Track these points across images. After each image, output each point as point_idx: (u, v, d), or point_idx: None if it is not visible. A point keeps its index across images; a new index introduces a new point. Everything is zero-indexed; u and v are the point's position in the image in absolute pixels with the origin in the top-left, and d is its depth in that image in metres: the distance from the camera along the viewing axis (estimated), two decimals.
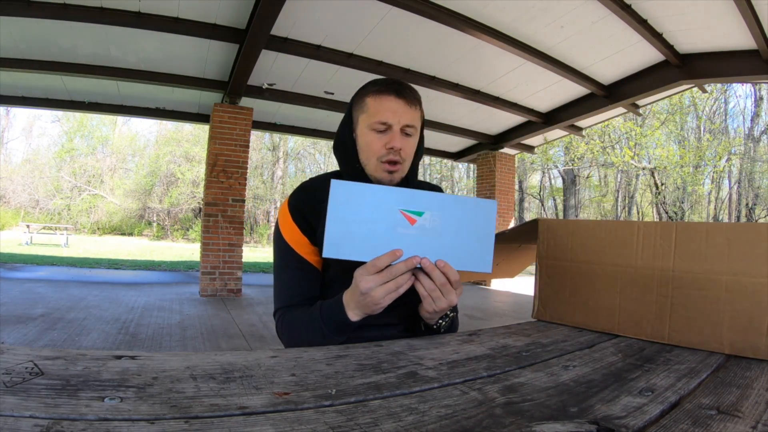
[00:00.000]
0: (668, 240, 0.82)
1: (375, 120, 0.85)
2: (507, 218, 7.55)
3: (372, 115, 0.85)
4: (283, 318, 0.86)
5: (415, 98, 0.88)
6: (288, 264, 0.88)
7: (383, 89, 0.86)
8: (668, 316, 0.81)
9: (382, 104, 0.85)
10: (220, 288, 5.24)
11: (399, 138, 0.85)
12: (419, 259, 0.68)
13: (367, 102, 0.87)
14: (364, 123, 0.87)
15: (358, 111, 0.89)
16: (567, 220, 1.00)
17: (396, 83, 0.87)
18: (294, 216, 0.88)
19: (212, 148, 5.29)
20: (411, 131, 0.87)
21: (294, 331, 0.84)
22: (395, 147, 0.84)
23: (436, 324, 0.82)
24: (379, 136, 0.85)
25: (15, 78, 4.71)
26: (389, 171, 0.86)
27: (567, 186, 18.25)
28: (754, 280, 0.72)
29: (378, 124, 0.85)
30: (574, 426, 0.44)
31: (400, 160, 0.86)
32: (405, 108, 0.86)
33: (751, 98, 15.13)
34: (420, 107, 0.91)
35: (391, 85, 0.87)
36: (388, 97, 0.85)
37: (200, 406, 0.44)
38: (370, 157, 0.87)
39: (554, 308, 0.99)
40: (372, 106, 0.86)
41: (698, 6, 3.46)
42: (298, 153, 22.05)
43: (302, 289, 0.87)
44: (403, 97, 0.86)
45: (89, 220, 18.33)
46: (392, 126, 0.85)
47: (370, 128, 0.86)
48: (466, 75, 4.98)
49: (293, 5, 3.49)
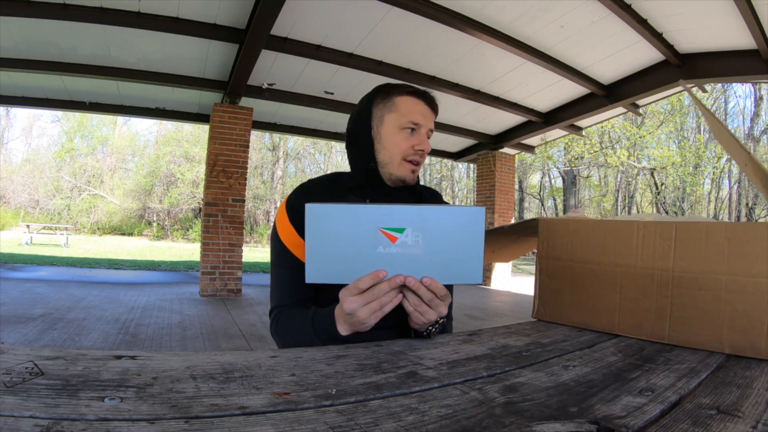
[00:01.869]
0: (668, 240, 0.82)
1: (407, 120, 0.88)
2: (507, 218, 7.56)
3: (404, 114, 0.88)
4: (278, 319, 0.87)
5: (436, 108, 0.93)
6: (283, 264, 0.88)
7: (414, 92, 0.90)
8: (668, 316, 0.81)
9: (415, 107, 0.89)
10: (220, 288, 5.24)
11: (427, 141, 0.90)
12: (403, 278, 0.66)
13: (397, 102, 0.89)
14: (394, 122, 0.89)
15: (383, 110, 0.90)
16: (567, 219, 1.00)
17: (427, 92, 0.92)
18: (291, 217, 0.88)
19: (212, 148, 5.28)
20: (431, 136, 0.93)
21: (287, 335, 0.85)
22: (426, 149, 0.89)
23: (426, 331, 0.82)
24: (409, 137, 0.88)
25: (15, 78, 4.71)
26: (413, 170, 0.90)
27: (567, 186, 18.25)
28: (754, 280, 0.72)
29: (410, 123, 0.88)
30: (574, 426, 0.44)
31: (421, 160, 0.91)
32: (431, 114, 0.91)
33: (751, 98, 15.14)
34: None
35: (420, 89, 0.92)
36: (418, 101, 0.89)
37: (200, 406, 0.44)
38: (395, 156, 0.89)
39: (554, 308, 0.99)
40: (403, 107, 0.89)
41: (698, 6, 3.46)
42: (298, 153, 22.04)
43: (297, 289, 0.88)
44: (430, 103, 0.91)
45: (89, 220, 18.33)
46: (421, 129, 0.89)
47: (401, 127, 0.88)
48: (466, 75, 4.98)
49: (293, 5, 3.49)
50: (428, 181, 22.31)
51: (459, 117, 6.23)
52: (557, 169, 17.88)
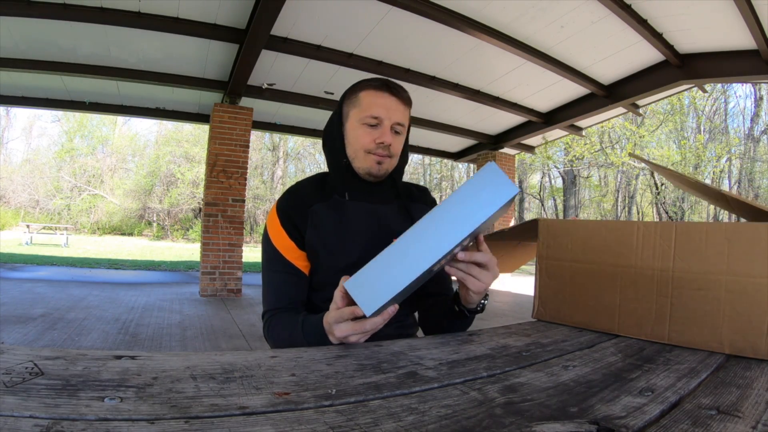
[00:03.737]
0: (668, 240, 0.82)
1: (367, 114, 0.86)
2: (507, 218, 7.55)
3: (364, 109, 0.86)
4: (270, 323, 0.87)
5: (407, 98, 0.89)
6: (275, 268, 0.88)
7: (378, 86, 0.87)
8: (668, 316, 0.81)
9: (376, 100, 0.86)
10: (220, 288, 5.24)
11: (389, 134, 0.86)
12: (394, 310, 0.65)
13: (360, 97, 0.88)
14: (356, 117, 0.87)
15: (349, 106, 0.90)
16: (567, 220, 1.00)
17: (390, 81, 0.88)
18: (282, 221, 0.88)
19: (212, 148, 5.28)
20: (400, 129, 0.88)
21: (279, 339, 0.85)
22: (385, 142, 0.86)
23: (480, 306, 0.84)
24: (370, 131, 0.86)
25: (15, 78, 4.71)
26: (378, 162, 0.87)
27: (567, 186, 18.26)
28: (754, 280, 0.72)
29: (370, 118, 0.86)
30: (574, 426, 0.44)
31: (387, 154, 0.87)
32: (397, 105, 0.87)
33: (751, 98, 15.15)
34: (410, 109, 0.91)
35: (386, 82, 0.88)
36: (381, 94, 0.86)
37: (200, 406, 0.44)
38: (358, 150, 0.88)
39: (554, 308, 0.99)
40: (365, 101, 0.87)
41: (698, 6, 3.46)
42: (298, 153, 22.05)
43: (289, 293, 0.88)
44: (396, 95, 0.87)
45: (89, 220, 18.33)
46: (383, 121, 0.86)
47: (361, 122, 0.87)
48: (466, 75, 4.98)
49: (293, 5, 3.49)
50: (428, 181, 22.32)
51: (459, 117, 6.23)
52: (557, 169, 17.88)
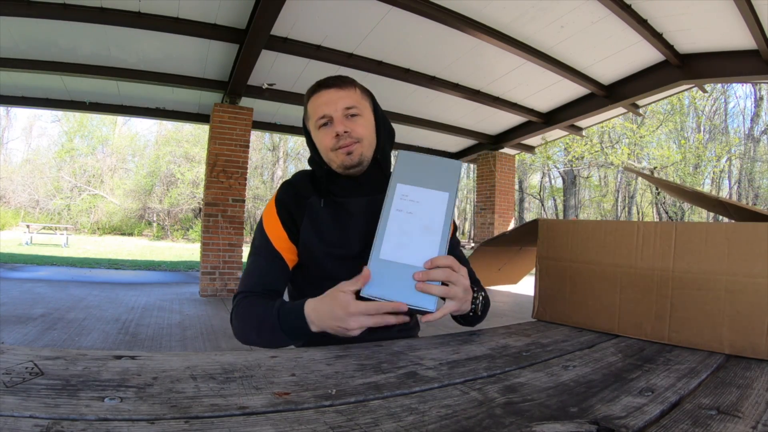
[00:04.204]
0: (668, 240, 0.82)
1: (316, 118, 0.89)
2: (507, 218, 7.55)
3: (312, 115, 0.90)
4: (241, 303, 0.83)
5: (345, 82, 0.91)
6: (260, 253, 0.89)
7: (313, 89, 0.91)
8: (668, 316, 0.81)
9: (317, 101, 0.89)
10: (220, 288, 5.24)
11: (342, 122, 0.87)
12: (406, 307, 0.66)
13: (308, 109, 0.92)
14: (312, 126, 0.91)
15: (306, 120, 0.95)
16: (567, 220, 1.00)
17: (325, 78, 0.91)
18: (279, 210, 0.89)
19: (212, 148, 5.28)
20: (355, 111, 0.88)
21: (246, 322, 0.81)
22: (339, 132, 0.87)
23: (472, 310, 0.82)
24: (326, 130, 0.88)
25: (15, 78, 4.71)
26: (347, 153, 0.88)
27: (567, 186, 18.26)
28: (754, 280, 0.72)
29: (319, 119, 0.88)
30: (574, 426, 0.44)
31: (352, 140, 0.88)
32: (338, 93, 0.88)
33: (751, 98, 15.15)
34: (357, 87, 0.92)
35: (320, 82, 0.91)
36: (318, 93, 0.90)
37: (200, 406, 0.44)
38: (326, 152, 0.89)
39: (554, 308, 0.99)
40: (311, 110, 0.91)
41: (698, 6, 3.46)
42: (298, 153, 22.04)
43: (267, 280, 0.87)
44: (332, 86, 0.89)
45: (89, 220, 18.33)
46: (332, 116, 0.87)
47: (317, 127, 0.90)
48: (466, 75, 4.98)
49: (293, 5, 3.49)
50: None
51: (459, 117, 6.23)
52: (557, 169, 17.88)
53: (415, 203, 0.71)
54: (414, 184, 0.72)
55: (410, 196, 0.71)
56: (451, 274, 0.68)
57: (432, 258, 0.67)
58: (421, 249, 0.68)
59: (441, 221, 0.69)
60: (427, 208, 0.70)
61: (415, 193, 0.71)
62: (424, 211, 0.70)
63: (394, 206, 0.70)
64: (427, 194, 0.71)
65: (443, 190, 0.72)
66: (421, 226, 0.69)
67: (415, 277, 0.66)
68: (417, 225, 0.69)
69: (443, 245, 0.68)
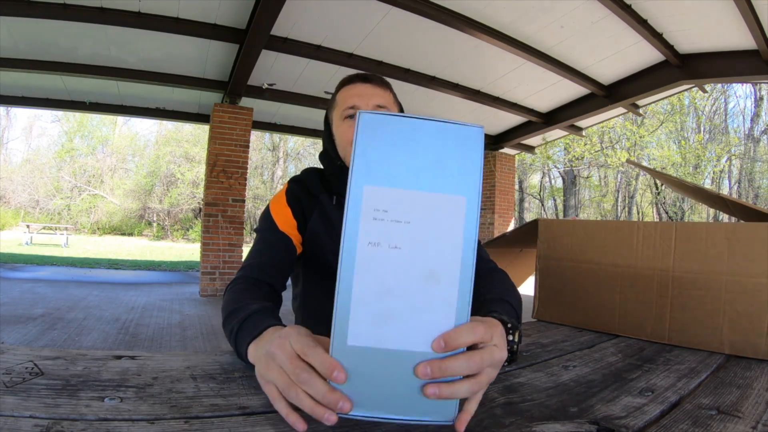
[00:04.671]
0: (668, 240, 0.82)
1: (345, 107, 0.85)
2: (507, 218, 7.55)
3: (341, 104, 0.86)
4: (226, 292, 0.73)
5: (383, 82, 0.88)
6: (265, 237, 0.84)
7: (348, 80, 0.88)
8: (668, 316, 0.81)
9: (350, 91, 0.86)
10: (220, 288, 5.24)
11: None
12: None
13: (337, 98, 0.88)
14: (337, 116, 0.87)
15: (331, 111, 0.91)
16: (567, 220, 1.00)
17: (362, 72, 0.88)
18: (289, 199, 0.87)
19: (212, 148, 5.29)
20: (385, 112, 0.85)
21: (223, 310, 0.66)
22: None
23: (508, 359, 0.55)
24: (351, 122, 0.83)
25: (15, 78, 4.71)
26: None
27: (567, 186, 18.26)
28: (754, 280, 0.72)
29: (348, 110, 0.84)
30: (574, 426, 0.44)
31: None
32: (373, 90, 0.85)
33: (751, 98, 15.15)
34: (392, 93, 0.90)
35: (356, 74, 0.88)
36: (353, 85, 0.86)
37: (200, 406, 0.44)
38: (345, 146, 0.86)
39: (554, 308, 0.99)
40: (341, 99, 0.87)
41: (698, 6, 3.46)
42: (298, 153, 22.04)
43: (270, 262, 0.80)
44: (369, 81, 0.86)
45: (89, 220, 18.33)
46: (362, 108, 0.82)
47: (342, 118, 0.85)
48: (466, 75, 4.97)
49: (293, 5, 3.49)
50: None
51: (459, 117, 6.22)
52: (557, 169, 17.88)
53: (403, 225, 0.38)
54: (396, 183, 0.38)
55: (391, 209, 0.38)
56: (483, 357, 0.40)
57: (445, 335, 0.38)
58: (424, 317, 0.38)
59: (456, 256, 0.38)
60: (426, 232, 0.38)
61: (399, 202, 0.38)
62: (421, 240, 0.38)
63: (363, 236, 0.37)
64: (424, 202, 0.38)
65: (456, 190, 0.38)
66: (418, 270, 0.38)
67: (419, 373, 0.38)
68: (411, 270, 0.38)
69: (464, 304, 0.38)
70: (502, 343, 0.43)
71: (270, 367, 0.41)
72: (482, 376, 0.40)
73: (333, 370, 0.37)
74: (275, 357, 0.41)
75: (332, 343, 0.38)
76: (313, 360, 0.38)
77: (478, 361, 0.39)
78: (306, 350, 0.39)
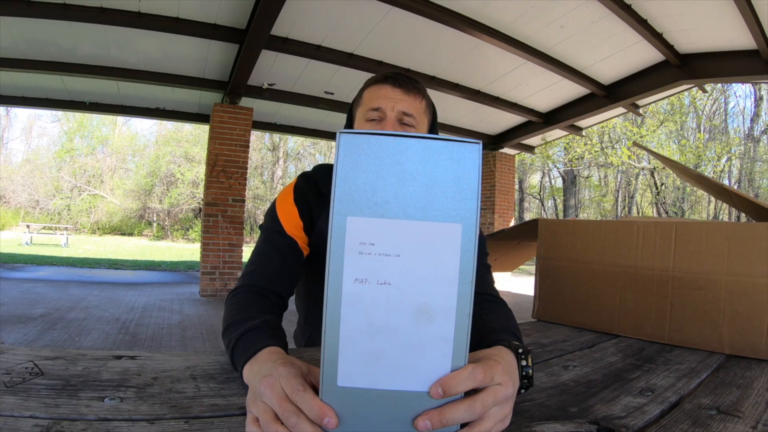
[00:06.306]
0: (668, 240, 0.82)
1: (368, 107, 0.79)
2: (507, 218, 7.56)
3: (366, 103, 0.81)
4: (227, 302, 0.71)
5: (415, 87, 0.81)
6: (271, 240, 0.79)
7: (378, 79, 0.82)
8: (668, 316, 0.81)
9: (377, 92, 0.80)
10: (220, 288, 5.24)
11: (393, 125, 0.77)
12: None
13: (363, 94, 0.83)
14: (360, 115, 0.81)
15: (355, 107, 0.86)
16: (567, 220, 1.00)
17: (394, 73, 0.82)
18: (297, 198, 0.83)
19: (212, 148, 5.29)
20: (410, 121, 0.78)
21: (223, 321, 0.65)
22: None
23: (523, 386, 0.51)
24: (373, 125, 0.78)
25: (15, 78, 4.71)
26: None
27: (567, 186, 18.26)
28: (754, 280, 0.72)
29: (370, 111, 0.78)
30: (574, 426, 0.44)
31: None
32: (402, 95, 0.79)
33: (751, 98, 15.16)
34: (424, 99, 0.83)
35: (389, 75, 0.81)
36: (382, 86, 0.80)
37: (200, 406, 0.44)
38: None
39: (554, 308, 0.99)
40: (367, 97, 0.81)
41: (698, 6, 3.46)
42: (298, 153, 22.04)
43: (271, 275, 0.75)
44: (399, 85, 0.80)
45: (89, 220, 18.33)
46: (386, 113, 0.78)
47: (365, 119, 0.80)
48: (466, 75, 4.98)
49: (293, 5, 3.49)
50: None
51: (459, 117, 6.23)
52: (557, 169, 17.89)
53: (392, 259, 0.35)
54: (382, 213, 0.35)
55: (378, 242, 0.35)
56: (485, 401, 0.38)
57: (444, 382, 0.36)
58: (418, 356, 0.36)
59: (452, 290, 0.36)
60: (418, 265, 0.36)
61: (387, 233, 0.35)
62: (413, 275, 0.36)
63: (348, 272, 0.35)
64: (415, 232, 0.35)
65: (450, 217, 0.36)
66: (410, 307, 0.36)
67: (419, 427, 0.36)
68: (402, 307, 0.36)
69: (462, 340, 0.36)
70: (506, 378, 0.40)
71: (256, 404, 0.40)
72: (486, 421, 0.38)
73: (324, 417, 0.36)
74: (263, 396, 0.39)
75: (321, 384, 0.36)
76: (302, 406, 0.37)
77: (480, 407, 0.38)
78: (294, 396, 0.38)
